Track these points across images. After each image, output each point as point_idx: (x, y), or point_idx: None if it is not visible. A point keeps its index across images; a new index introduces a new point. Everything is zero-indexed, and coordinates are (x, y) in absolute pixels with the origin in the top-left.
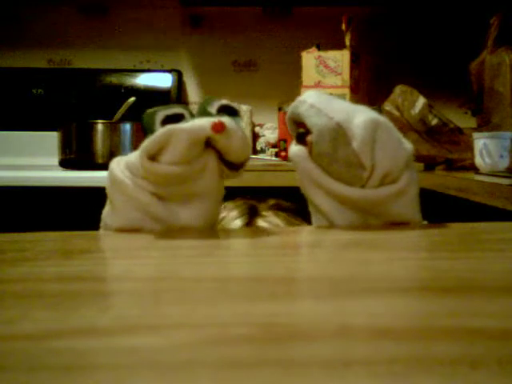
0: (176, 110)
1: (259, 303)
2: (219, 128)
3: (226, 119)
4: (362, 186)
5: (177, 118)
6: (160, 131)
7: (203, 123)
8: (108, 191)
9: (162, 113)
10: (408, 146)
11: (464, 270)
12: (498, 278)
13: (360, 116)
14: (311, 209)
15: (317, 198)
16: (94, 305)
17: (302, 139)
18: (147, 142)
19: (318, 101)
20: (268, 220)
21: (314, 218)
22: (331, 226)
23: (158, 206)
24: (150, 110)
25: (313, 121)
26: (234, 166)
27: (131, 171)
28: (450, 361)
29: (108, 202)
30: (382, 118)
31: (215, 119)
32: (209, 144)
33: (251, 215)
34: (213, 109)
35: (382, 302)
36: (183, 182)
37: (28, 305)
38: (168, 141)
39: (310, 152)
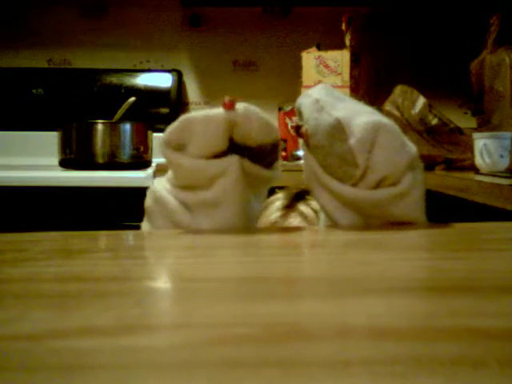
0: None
1: (259, 303)
2: (229, 105)
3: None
4: (354, 185)
5: None
6: (178, 119)
7: (216, 109)
8: (147, 206)
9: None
10: (412, 148)
11: (464, 270)
12: (498, 277)
13: (363, 117)
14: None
15: (321, 198)
16: (94, 305)
17: (299, 131)
18: (168, 131)
19: (323, 98)
20: (309, 203)
21: (320, 218)
22: (334, 225)
23: (183, 215)
24: None
25: (310, 114)
26: (265, 159)
27: (168, 180)
28: (451, 361)
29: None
30: (385, 121)
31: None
32: (234, 151)
33: (296, 200)
34: None
35: (382, 302)
36: (202, 186)
37: (28, 305)
38: (189, 129)
39: (307, 143)
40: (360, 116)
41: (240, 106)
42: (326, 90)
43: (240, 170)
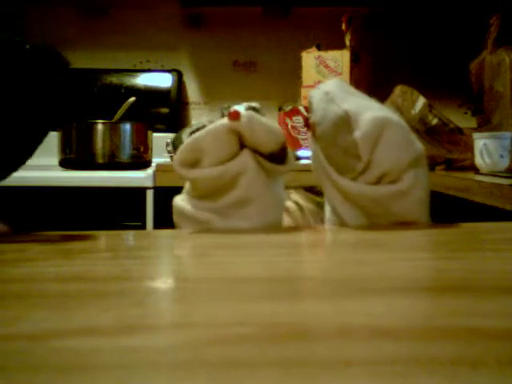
0: (197, 125)
1: (259, 303)
2: (235, 115)
3: (241, 109)
4: (354, 179)
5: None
6: (187, 141)
7: (222, 119)
8: (175, 221)
9: (188, 130)
10: (417, 148)
11: (463, 270)
12: (498, 278)
13: (372, 112)
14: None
15: (327, 190)
16: (94, 305)
17: (308, 123)
18: (179, 153)
19: (334, 91)
20: (290, 197)
21: (325, 212)
22: (339, 221)
23: (218, 222)
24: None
25: (318, 104)
26: (277, 159)
27: (188, 194)
28: (450, 361)
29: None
30: (394, 118)
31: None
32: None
33: None
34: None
35: (381, 302)
36: (227, 188)
37: (29, 305)
38: (199, 148)
39: (313, 133)
40: (369, 111)
41: (244, 116)
42: (338, 84)
43: (257, 163)
